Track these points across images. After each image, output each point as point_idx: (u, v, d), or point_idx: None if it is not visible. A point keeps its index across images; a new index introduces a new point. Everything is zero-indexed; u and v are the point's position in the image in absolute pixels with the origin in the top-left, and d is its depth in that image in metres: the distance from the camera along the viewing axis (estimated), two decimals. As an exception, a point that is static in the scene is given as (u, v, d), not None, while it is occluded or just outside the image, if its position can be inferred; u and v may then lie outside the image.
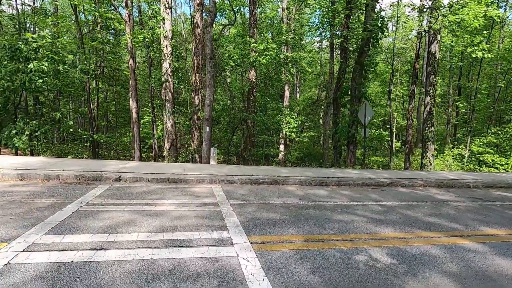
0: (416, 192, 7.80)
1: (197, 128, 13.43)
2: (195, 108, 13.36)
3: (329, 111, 20.80)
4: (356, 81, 12.05)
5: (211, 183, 7.03)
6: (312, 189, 7.28)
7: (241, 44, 18.49)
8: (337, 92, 15.27)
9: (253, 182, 7.37)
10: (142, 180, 6.74)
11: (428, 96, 16.76)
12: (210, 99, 10.93)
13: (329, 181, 8.01)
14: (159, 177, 6.89)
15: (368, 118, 11.34)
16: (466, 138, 26.85)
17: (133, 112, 14.22)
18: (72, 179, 6.39)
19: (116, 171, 7.14)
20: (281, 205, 5.50)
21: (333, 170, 10.06)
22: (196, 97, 13.54)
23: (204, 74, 13.30)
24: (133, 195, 5.53)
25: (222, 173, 7.90)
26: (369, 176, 9.27)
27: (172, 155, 13.10)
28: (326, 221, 4.70)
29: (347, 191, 7.28)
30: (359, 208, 5.70)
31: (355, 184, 8.08)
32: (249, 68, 19.32)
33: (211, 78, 10.86)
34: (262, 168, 9.42)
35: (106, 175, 6.65)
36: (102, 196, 5.32)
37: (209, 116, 11.01)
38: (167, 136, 13.09)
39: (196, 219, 4.35)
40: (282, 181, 7.59)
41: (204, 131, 10.98)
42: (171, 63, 12.63)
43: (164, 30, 12.40)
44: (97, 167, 7.45)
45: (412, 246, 3.86)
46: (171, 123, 13.06)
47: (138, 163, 8.48)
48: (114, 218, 4.18)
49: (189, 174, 7.45)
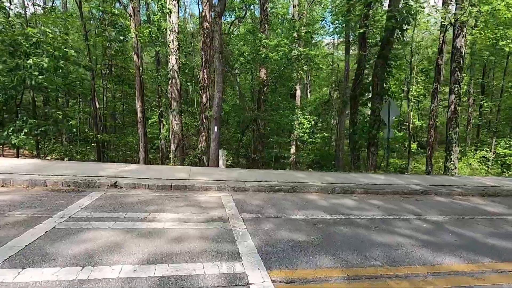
0: (458, 202, 6.70)
1: (205, 128, 12.58)
2: (202, 107, 12.50)
3: (344, 110, 19.69)
4: (378, 77, 10.97)
5: (219, 191, 6.11)
6: (337, 198, 6.27)
7: (252, 41, 17.57)
8: (355, 90, 14.18)
9: (268, 189, 6.41)
10: (141, 187, 5.86)
11: (453, 94, 15.48)
12: (218, 97, 10.04)
13: (354, 188, 6.98)
14: (161, 183, 6.00)
15: (392, 117, 10.24)
16: (489, 140, 25.27)
17: (138, 112, 13.46)
18: (61, 186, 5.56)
19: (113, 176, 6.30)
20: (305, 221, 4.52)
21: (355, 174, 9.01)
22: (204, 95, 12.69)
23: (213, 70, 12.43)
24: (127, 206, 4.65)
25: (232, 178, 6.97)
26: (397, 182, 8.19)
27: (179, 157, 12.27)
28: (365, 244, 3.70)
29: (377, 201, 6.24)
30: (399, 224, 4.67)
31: (384, 192, 7.02)
32: (260, 66, 18.42)
33: (220, 73, 9.98)
34: (276, 173, 8.45)
35: (100, 180, 5.80)
36: (90, 207, 4.46)
37: (218, 115, 10.11)
38: (173, 137, 12.26)
39: (201, 242, 3.42)
40: (301, 189, 6.60)
41: (212, 131, 10.09)
42: (178, 59, 11.81)
43: (170, 24, 11.59)
44: (93, 171, 6.63)
45: (493, 287, 2.83)
46: (177, 122, 12.23)
47: (139, 166, 7.65)
48: (96, 240, 3.29)
49: (195, 180, 6.55)
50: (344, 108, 19.40)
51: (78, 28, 18.81)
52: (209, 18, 12.68)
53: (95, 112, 15.54)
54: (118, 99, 25.61)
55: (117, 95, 25.77)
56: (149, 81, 20.25)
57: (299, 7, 23.41)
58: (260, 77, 18.27)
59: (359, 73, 13.97)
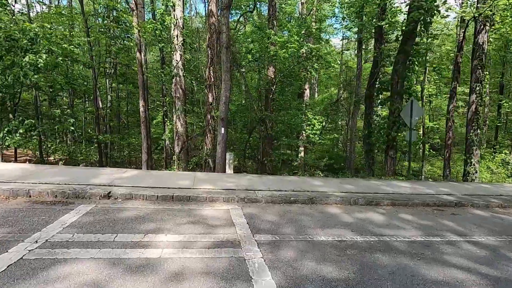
0: (500, 217, 5.82)
1: (211, 130, 11.84)
2: (208, 107, 11.77)
3: (357, 111, 18.79)
4: (398, 74, 10.10)
5: (227, 202, 5.34)
6: (361, 211, 5.46)
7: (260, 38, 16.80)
8: (371, 89, 13.31)
9: (282, 200, 5.62)
10: (138, 198, 5.12)
11: (474, 94, 14.48)
12: (226, 96, 9.28)
13: (379, 199, 6.15)
14: (161, 192, 5.26)
15: (415, 118, 9.37)
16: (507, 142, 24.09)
17: (141, 111, 12.78)
18: (47, 196, 4.86)
19: (108, 184, 5.58)
20: (332, 245, 3.73)
21: (376, 181, 8.17)
22: (210, 94, 11.95)
23: (219, 68, 11.70)
24: (119, 223, 3.91)
25: (241, 187, 6.20)
26: (425, 191, 7.33)
27: (183, 160, 11.56)
28: (417, 283, 2.89)
29: (408, 215, 5.41)
30: (447, 250, 3.84)
31: (413, 203, 6.18)
32: (268, 64, 17.65)
33: (227, 70, 9.22)
34: (289, 180, 7.65)
35: (92, 190, 5.08)
36: (74, 226, 3.73)
37: (225, 115, 9.36)
38: (177, 139, 11.55)
39: (206, 280, 2.66)
40: (319, 199, 5.80)
41: (219, 133, 9.34)
42: (182, 55, 11.10)
43: (174, 18, 10.89)
44: (87, 178, 5.92)
45: None
46: (181, 123, 11.52)
47: (138, 172, 6.93)
48: (71, 278, 2.54)
49: (200, 189, 5.79)
50: (356, 109, 18.50)
51: (83, 26, 18.24)
52: (216, 12, 11.95)
53: (97, 111, 14.92)
54: (123, 98, 25.08)
55: (121, 95, 25.24)
56: (154, 80, 19.60)
57: (307, 3, 22.58)
58: (268, 76, 17.49)
59: (375, 71, 13.10)
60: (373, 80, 13.07)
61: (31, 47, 10.20)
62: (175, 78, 11.35)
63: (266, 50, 15.70)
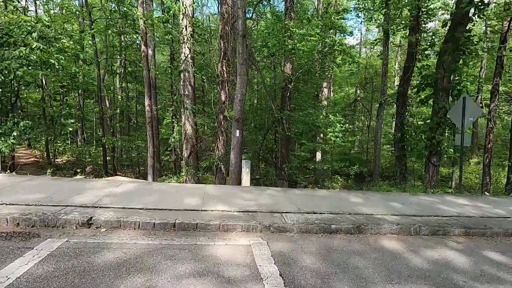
0: None
1: (223, 131, 10.52)
2: (221, 106, 10.46)
3: (381, 111, 17.10)
4: (445, 66, 8.49)
5: (247, 232, 3.97)
6: (429, 245, 3.99)
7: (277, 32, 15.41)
8: (405, 85, 11.69)
9: (320, 228, 4.20)
10: (128, 226, 3.82)
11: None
12: (241, 92, 7.92)
13: (445, 225, 4.64)
14: (159, 218, 3.94)
15: (470, 119, 7.75)
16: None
17: (147, 111, 11.62)
18: (4, 225, 3.62)
19: (92, 205, 4.30)
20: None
21: (426, 197, 6.62)
22: (222, 92, 10.63)
23: (234, 61, 10.37)
24: (89, 278, 2.59)
25: (263, 207, 4.82)
26: (494, 211, 5.74)
27: (192, 166, 10.29)
28: None
29: (494, 253, 3.91)
30: None
31: (493, 233, 4.64)
32: (285, 59, 16.26)
33: (243, 63, 7.86)
34: (320, 195, 6.20)
35: (67, 216, 3.81)
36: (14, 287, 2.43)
37: (240, 115, 8.00)
38: (185, 142, 10.28)
39: None
40: (368, 227, 4.35)
41: (233, 135, 7.99)
42: (192, 48, 9.84)
43: (183, 6, 9.64)
44: (68, 195, 4.67)
45: None
46: (190, 124, 10.25)
47: (136, 185, 5.64)
48: None
49: (211, 211, 4.45)
50: (381, 109, 16.82)
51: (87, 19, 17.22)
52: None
53: (101, 112, 13.86)
54: (132, 98, 24.16)
55: (132, 95, 24.34)
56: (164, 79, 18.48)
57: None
58: (285, 72, 16.10)
59: (411, 64, 11.48)
60: (407, 75, 11.46)
61: (24, 40, 9.14)
62: (184, 74, 10.08)
63: (284, 44, 14.32)
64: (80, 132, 24.15)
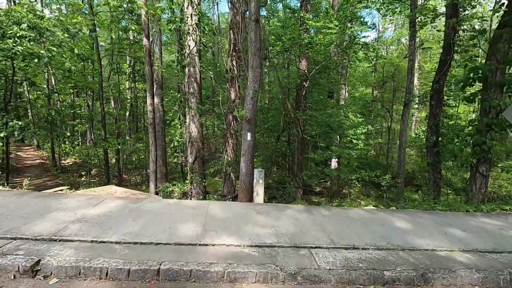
0: None
1: (233, 134, 9.32)
2: (230, 105, 9.26)
3: (407, 111, 15.53)
4: (499, 57, 7.03)
5: (265, 284, 2.72)
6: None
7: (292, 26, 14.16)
8: (440, 81, 10.20)
9: (368, 278, 2.90)
10: (92, 275, 2.63)
11: None
12: (253, 88, 6.69)
13: (543, 270, 3.26)
14: (138, 259, 2.74)
15: (535, 120, 6.24)
16: None
17: (149, 111, 10.55)
18: None
19: (50, 236, 3.14)
20: None
21: (486, 218, 5.21)
22: (232, 90, 9.44)
23: (246, 57, 9.17)
24: None
25: (284, 239, 3.56)
26: None
27: (197, 172, 9.12)
28: None
29: None
30: None
31: None
32: (300, 55, 14.97)
33: (256, 53, 6.62)
34: (355, 217, 4.87)
35: (3, 259, 2.66)
36: None
37: (252, 115, 6.76)
38: (190, 145, 9.13)
39: None
40: (437, 275, 3.02)
41: (244, 139, 6.76)
42: (198, 40, 8.69)
43: (188, -9, 8.52)
44: (25, 220, 3.54)
45: None
46: (196, 125, 9.09)
47: (119, 204, 4.45)
48: None
49: (212, 246, 3.22)
50: (407, 109, 15.26)
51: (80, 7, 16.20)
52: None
53: (103, 112, 12.91)
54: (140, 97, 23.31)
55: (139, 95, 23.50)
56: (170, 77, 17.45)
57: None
58: (300, 69, 14.81)
59: (447, 57, 9.98)
60: (444, 69, 9.96)
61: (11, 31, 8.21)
62: (189, 69, 8.93)
63: (299, 38, 13.05)
64: (89, 133, 23.51)
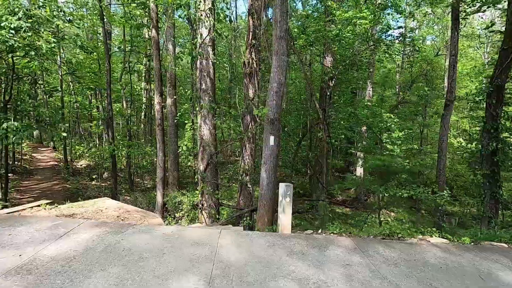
0: None
1: (251, 137, 7.98)
2: (248, 104, 7.94)
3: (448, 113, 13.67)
4: None
5: None
6: None
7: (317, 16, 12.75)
8: (502, 76, 8.45)
9: None
10: None
11: None
12: (278, 80, 5.31)
13: None
14: None
15: None
16: None
17: (156, 110, 9.41)
18: None
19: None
20: None
21: None
22: (250, 86, 8.11)
23: (266, 46, 7.81)
24: None
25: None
26: None
27: (210, 182, 7.82)
28: None
29: None
30: None
31: None
32: (325, 51, 13.52)
33: (282, 36, 5.25)
34: (433, 262, 3.33)
35: None
36: None
37: (276, 114, 5.38)
38: (201, 150, 7.85)
39: None
40: None
41: (265, 144, 5.40)
42: (211, 26, 7.44)
43: (201, -29, 7.31)
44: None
45: None
46: (208, 127, 7.82)
47: (91, 238, 3.09)
48: None
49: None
50: (448, 110, 13.40)
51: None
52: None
53: (110, 112, 11.94)
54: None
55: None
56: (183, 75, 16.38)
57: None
58: (325, 66, 13.33)
59: (510, 48, 8.23)
60: (507, 62, 8.22)
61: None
62: (200, 62, 7.68)
63: (325, 30, 11.62)
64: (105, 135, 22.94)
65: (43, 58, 9.41)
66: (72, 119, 23.71)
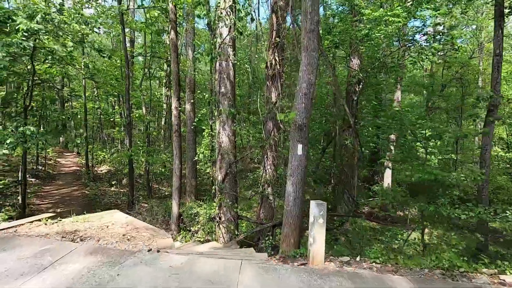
0: None
1: (273, 145, 7.28)
2: (270, 108, 7.28)
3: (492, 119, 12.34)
4: None
5: None
6: None
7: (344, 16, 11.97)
8: None
9: None
10: None
11: None
12: (308, 80, 4.61)
13: None
14: None
15: None
16: None
17: (173, 116, 8.95)
18: None
19: None
20: None
21: None
22: (273, 89, 7.46)
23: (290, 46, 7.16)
24: None
25: None
26: None
27: (228, 193, 7.18)
28: None
29: None
30: None
31: None
32: (352, 53, 12.67)
33: (313, 30, 4.57)
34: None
35: None
36: None
37: (304, 120, 4.67)
38: (220, 158, 7.25)
39: None
40: None
41: (292, 153, 4.69)
42: (232, 24, 6.90)
43: (221, -34, 6.83)
44: None
45: None
46: (227, 134, 7.23)
47: (80, 270, 2.51)
48: None
49: None
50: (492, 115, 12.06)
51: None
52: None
53: (129, 118, 11.69)
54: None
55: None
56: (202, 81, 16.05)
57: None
58: (352, 69, 12.48)
59: None
60: None
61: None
62: (220, 63, 7.14)
63: (352, 30, 10.82)
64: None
65: (62, 63, 9.28)
66: (96, 125, 24.10)
